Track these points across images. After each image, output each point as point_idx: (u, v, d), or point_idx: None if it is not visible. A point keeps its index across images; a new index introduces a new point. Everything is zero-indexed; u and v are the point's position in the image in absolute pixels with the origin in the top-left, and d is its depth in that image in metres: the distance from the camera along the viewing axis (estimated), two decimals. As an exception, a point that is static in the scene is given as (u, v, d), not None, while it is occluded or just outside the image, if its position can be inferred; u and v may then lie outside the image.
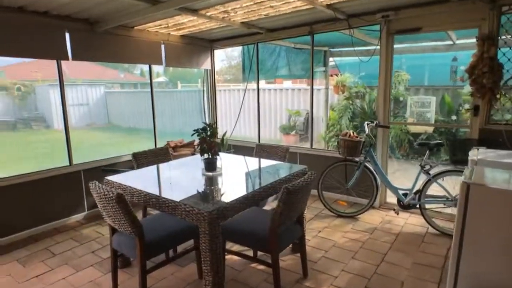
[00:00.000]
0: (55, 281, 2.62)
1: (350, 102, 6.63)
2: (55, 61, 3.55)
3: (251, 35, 4.70)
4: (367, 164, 3.69)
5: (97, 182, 2.13)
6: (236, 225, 2.37)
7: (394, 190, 3.56)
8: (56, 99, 3.71)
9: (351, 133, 3.62)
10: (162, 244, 2.23)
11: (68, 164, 3.74)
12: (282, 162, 3.25)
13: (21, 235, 3.40)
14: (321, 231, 3.42)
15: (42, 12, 3.27)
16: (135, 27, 4.06)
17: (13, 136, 9.66)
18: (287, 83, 9.04)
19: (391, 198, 3.96)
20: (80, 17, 3.52)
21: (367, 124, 3.65)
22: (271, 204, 3.35)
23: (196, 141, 3.50)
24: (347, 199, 4.20)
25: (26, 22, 3.22)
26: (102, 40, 3.83)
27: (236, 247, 2.87)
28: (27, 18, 3.21)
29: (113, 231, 2.30)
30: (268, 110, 8.07)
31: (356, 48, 4.19)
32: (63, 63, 3.62)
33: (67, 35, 3.52)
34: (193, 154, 4.42)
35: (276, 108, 8.08)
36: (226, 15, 3.64)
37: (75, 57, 3.61)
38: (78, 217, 3.86)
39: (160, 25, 4.00)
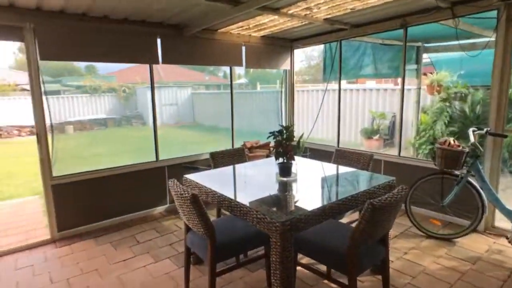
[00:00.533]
0: (137, 268, 2.83)
1: (448, 104, 5.76)
2: (148, 65, 3.86)
3: (334, 32, 4.43)
4: (471, 179, 3.10)
5: (175, 180, 2.19)
6: (309, 237, 2.18)
7: (508, 213, 2.90)
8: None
9: (451, 141, 3.08)
10: (233, 248, 2.19)
11: (155, 159, 4.05)
12: (365, 171, 2.94)
13: (117, 220, 3.83)
14: (407, 252, 2.99)
15: (140, 21, 3.61)
16: (219, 30, 4.18)
17: (118, 131, 11.31)
18: (371, 83, 8.39)
19: (502, 222, 3.26)
20: (171, 23, 3.77)
21: (473, 131, 3.07)
22: (350, 217, 3.06)
23: (272, 143, 3.42)
24: (443, 218, 3.62)
25: (127, 31, 3.58)
26: (188, 44, 4.04)
27: (306, 259, 2.69)
28: (128, 27, 3.57)
29: (188, 229, 2.35)
30: (349, 112, 7.58)
31: (460, 42, 3.56)
32: (159, 67, 3.93)
33: (158, 41, 3.80)
34: (267, 156, 4.36)
35: (358, 110, 7.54)
36: (308, 12, 3.46)
37: (164, 61, 3.87)
38: (161, 209, 4.16)
39: (241, 26, 4.03)
